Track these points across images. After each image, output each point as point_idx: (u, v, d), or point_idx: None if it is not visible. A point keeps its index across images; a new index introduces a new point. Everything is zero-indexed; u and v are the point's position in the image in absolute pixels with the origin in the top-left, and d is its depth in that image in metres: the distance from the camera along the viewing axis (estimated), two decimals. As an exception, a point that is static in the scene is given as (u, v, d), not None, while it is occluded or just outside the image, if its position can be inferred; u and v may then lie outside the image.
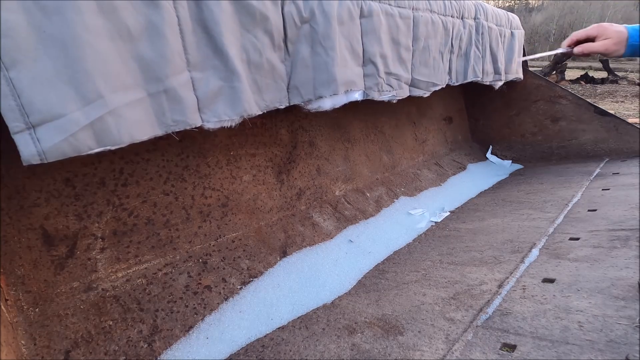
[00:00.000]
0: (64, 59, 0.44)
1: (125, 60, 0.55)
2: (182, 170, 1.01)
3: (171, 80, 0.64)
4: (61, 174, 0.80)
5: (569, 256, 1.03)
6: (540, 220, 1.33)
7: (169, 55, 0.62)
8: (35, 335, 0.74)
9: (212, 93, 0.74)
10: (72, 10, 0.45)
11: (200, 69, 0.71)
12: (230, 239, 1.10)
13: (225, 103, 0.76)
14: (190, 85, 0.69)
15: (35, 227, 0.77)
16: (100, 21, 0.51)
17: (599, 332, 0.71)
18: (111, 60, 0.51)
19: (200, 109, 0.72)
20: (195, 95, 0.71)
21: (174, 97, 0.65)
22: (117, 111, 0.50)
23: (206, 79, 0.72)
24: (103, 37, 0.50)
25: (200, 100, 0.72)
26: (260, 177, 1.21)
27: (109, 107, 0.48)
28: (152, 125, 0.63)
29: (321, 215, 1.36)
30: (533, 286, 0.91)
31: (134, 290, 0.88)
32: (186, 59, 0.68)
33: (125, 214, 0.90)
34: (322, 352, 0.80)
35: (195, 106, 0.71)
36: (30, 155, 0.45)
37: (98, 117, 0.46)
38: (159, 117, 0.64)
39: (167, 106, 0.65)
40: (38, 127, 0.44)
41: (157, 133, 0.65)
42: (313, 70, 0.97)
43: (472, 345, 0.74)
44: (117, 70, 0.52)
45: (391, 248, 1.31)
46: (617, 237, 1.07)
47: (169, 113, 0.66)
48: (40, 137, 0.44)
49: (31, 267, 0.76)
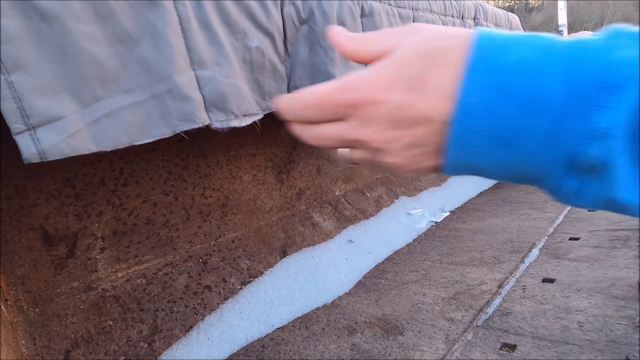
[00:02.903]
0: (62, 65, 0.46)
1: (126, 64, 0.56)
2: (182, 170, 1.01)
3: (175, 79, 0.64)
4: (61, 174, 0.80)
5: (569, 256, 1.03)
6: (540, 220, 1.33)
7: (171, 55, 0.62)
8: (35, 335, 0.74)
9: (219, 92, 0.74)
10: (70, 18, 0.46)
11: (205, 68, 0.71)
12: (230, 239, 1.10)
13: (231, 102, 0.77)
14: (195, 84, 0.69)
15: (35, 227, 0.77)
16: (97, 27, 0.52)
17: (599, 332, 0.71)
18: (109, 65, 0.52)
19: (207, 108, 0.72)
20: (201, 94, 0.71)
21: (179, 96, 0.66)
22: (114, 114, 0.51)
23: (212, 78, 0.72)
24: (101, 43, 0.51)
25: (207, 99, 0.72)
26: (260, 177, 1.21)
27: (105, 111, 0.49)
28: (157, 126, 0.64)
29: (321, 215, 1.36)
30: (533, 286, 0.91)
31: (134, 290, 0.88)
32: (189, 57, 0.68)
33: (125, 214, 0.90)
34: (322, 352, 0.80)
35: (202, 105, 0.71)
36: (30, 154, 0.47)
37: (94, 119, 0.47)
38: (165, 118, 0.64)
39: (172, 106, 0.65)
40: (38, 129, 0.45)
41: (164, 134, 0.65)
42: (312, 71, 0.97)
43: (472, 345, 0.74)
44: (116, 74, 0.53)
45: (391, 248, 1.31)
46: (617, 237, 1.07)
47: (175, 113, 0.66)
48: (40, 137, 0.46)
49: (31, 267, 0.76)
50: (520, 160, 0.26)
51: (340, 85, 0.29)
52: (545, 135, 0.25)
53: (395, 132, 0.28)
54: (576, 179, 0.26)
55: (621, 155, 0.24)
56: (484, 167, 0.28)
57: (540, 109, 0.25)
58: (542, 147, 0.25)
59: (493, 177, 0.29)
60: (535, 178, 0.28)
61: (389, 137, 0.29)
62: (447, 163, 0.28)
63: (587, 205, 0.27)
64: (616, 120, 0.23)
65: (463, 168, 0.28)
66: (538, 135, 0.25)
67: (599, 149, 0.24)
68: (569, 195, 0.27)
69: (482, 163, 0.27)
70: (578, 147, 0.25)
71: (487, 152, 0.27)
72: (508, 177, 0.29)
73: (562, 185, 0.27)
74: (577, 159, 0.25)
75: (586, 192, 0.27)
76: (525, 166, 0.27)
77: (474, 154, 0.27)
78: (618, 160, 0.24)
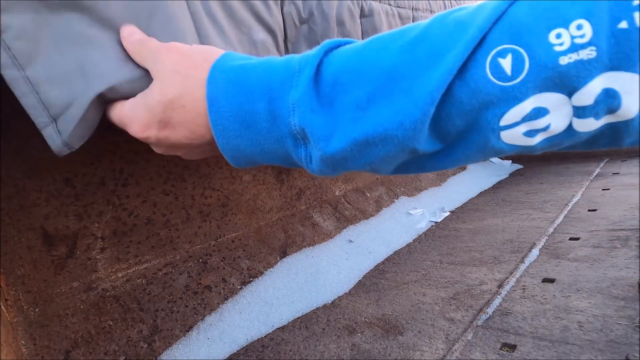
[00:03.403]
0: (73, 54, 0.46)
1: None
2: (182, 170, 1.01)
3: None
4: (61, 174, 0.80)
5: (569, 256, 1.03)
6: (540, 220, 1.33)
7: (181, 37, 0.62)
8: (35, 335, 0.74)
9: None
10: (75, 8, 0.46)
11: None
12: (230, 239, 1.10)
13: None
14: None
15: (35, 227, 0.77)
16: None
17: (599, 332, 0.71)
18: (118, 51, 0.52)
19: None
20: None
21: None
22: (117, 87, 0.50)
23: None
24: (109, 30, 0.51)
25: None
26: (260, 177, 1.21)
27: (109, 85, 0.48)
28: None
29: (321, 215, 1.36)
30: (533, 286, 0.91)
31: (134, 290, 0.88)
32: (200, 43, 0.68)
33: (125, 214, 0.90)
34: (322, 352, 0.80)
35: None
36: (58, 147, 0.46)
37: (99, 92, 0.46)
38: None
39: None
40: (58, 120, 0.45)
41: None
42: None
43: (472, 345, 0.74)
44: (126, 58, 0.53)
45: (391, 248, 1.31)
46: (617, 237, 1.07)
47: None
48: (60, 128, 0.45)
49: (31, 267, 0.76)
50: (264, 139, 0.35)
51: (119, 119, 0.44)
52: (269, 115, 0.33)
53: (171, 150, 0.42)
54: (302, 147, 0.35)
55: (311, 119, 0.32)
56: (249, 151, 0.36)
57: (260, 95, 0.33)
58: (272, 125, 0.34)
59: (264, 161, 0.39)
60: (287, 156, 0.37)
61: (169, 151, 0.43)
62: (223, 151, 0.37)
63: (320, 169, 0.36)
64: (297, 94, 0.32)
65: (237, 154, 0.37)
66: (265, 116, 0.33)
67: (296, 117, 0.32)
68: (307, 163, 0.36)
69: (243, 146, 0.36)
70: (288, 120, 0.33)
71: (241, 135, 0.35)
72: (271, 159, 0.38)
73: (299, 156, 0.36)
74: (292, 130, 0.33)
75: (312, 156, 0.35)
76: (269, 144, 0.35)
77: (232, 138, 0.35)
78: (311, 123, 0.32)
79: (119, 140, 0.88)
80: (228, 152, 0.37)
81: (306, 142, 0.34)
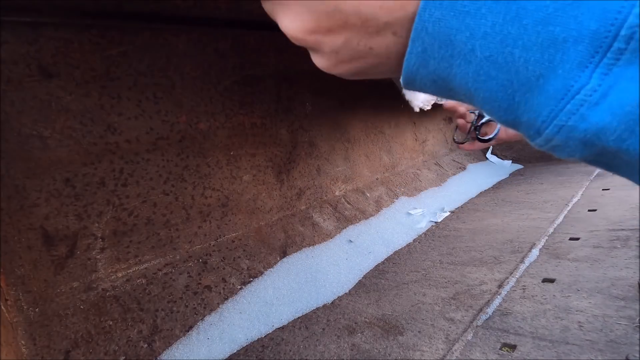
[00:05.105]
0: None
1: None
2: (182, 170, 1.01)
3: None
4: (61, 174, 0.80)
5: (569, 256, 1.03)
6: (540, 220, 1.33)
7: None
8: (35, 335, 0.74)
9: None
10: None
11: None
12: (230, 239, 1.10)
13: None
14: None
15: (35, 227, 0.77)
16: None
17: (599, 332, 0.71)
18: None
19: None
20: None
21: None
22: None
23: None
24: None
25: None
26: (260, 177, 1.21)
27: None
28: None
29: (321, 215, 1.36)
30: (533, 286, 0.91)
31: (134, 290, 0.88)
32: None
33: (125, 214, 0.90)
34: (322, 352, 0.80)
35: None
36: None
37: None
38: None
39: None
40: None
41: None
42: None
43: (472, 345, 0.74)
44: None
45: (391, 248, 1.31)
46: (617, 237, 1.07)
47: None
48: None
49: (31, 267, 0.76)
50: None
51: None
52: None
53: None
54: (599, 69, 0.19)
55: None
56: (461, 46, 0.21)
57: None
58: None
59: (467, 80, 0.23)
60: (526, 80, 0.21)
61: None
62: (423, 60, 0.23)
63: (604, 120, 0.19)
64: None
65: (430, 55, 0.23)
66: None
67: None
68: (578, 104, 0.20)
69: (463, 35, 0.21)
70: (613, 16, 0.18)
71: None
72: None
73: (569, 84, 0.20)
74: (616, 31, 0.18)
75: (608, 92, 0.19)
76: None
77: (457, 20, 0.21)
78: None
79: (119, 140, 0.88)
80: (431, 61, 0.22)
81: (617, 61, 0.18)
